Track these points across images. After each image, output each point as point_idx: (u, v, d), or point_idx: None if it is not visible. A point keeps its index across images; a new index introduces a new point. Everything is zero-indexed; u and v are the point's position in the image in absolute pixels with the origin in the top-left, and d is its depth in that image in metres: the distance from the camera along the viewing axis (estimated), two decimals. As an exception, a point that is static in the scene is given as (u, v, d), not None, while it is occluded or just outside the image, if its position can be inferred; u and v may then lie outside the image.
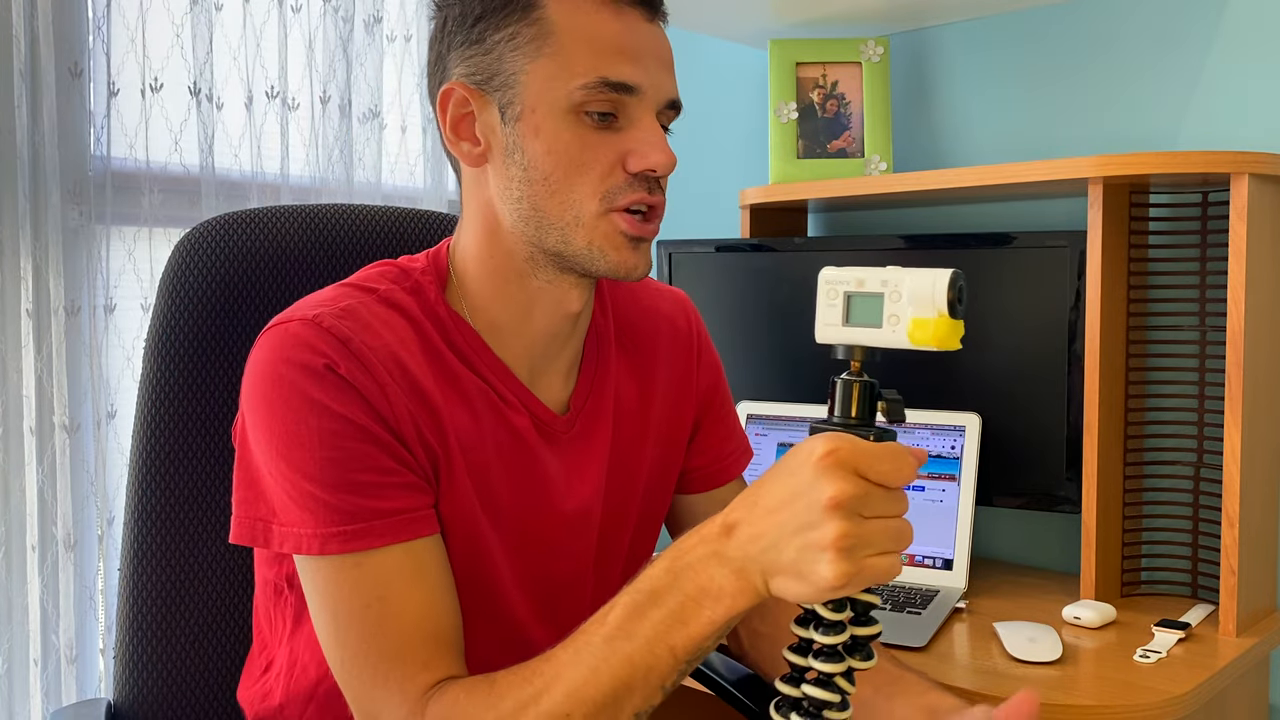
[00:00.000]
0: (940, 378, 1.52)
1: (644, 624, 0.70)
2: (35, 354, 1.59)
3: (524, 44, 0.82)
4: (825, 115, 1.67)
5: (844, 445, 0.63)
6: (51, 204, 1.58)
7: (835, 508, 0.62)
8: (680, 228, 2.10)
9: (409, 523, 0.79)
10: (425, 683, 0.76)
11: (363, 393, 0.79)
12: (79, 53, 1.63)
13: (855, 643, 0.69)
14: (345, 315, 0.81)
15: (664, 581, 0.70)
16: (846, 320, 0.69)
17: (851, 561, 0.62)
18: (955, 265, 1.50)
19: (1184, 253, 1.42)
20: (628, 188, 0.82)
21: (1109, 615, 1.30)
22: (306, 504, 0.78)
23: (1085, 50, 1.57)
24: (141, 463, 1.04)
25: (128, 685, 1.04)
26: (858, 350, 0.69)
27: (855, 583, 0.63)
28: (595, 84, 0.80)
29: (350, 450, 0.78)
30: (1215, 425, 1.38)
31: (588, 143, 0.81)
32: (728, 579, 0.68)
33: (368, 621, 0.77)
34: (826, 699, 0.68)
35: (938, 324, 0.64)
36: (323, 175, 1.95)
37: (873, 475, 0.64)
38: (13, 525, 1.58)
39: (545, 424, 0.89)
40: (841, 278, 0.69)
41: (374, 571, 0.78)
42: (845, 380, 0.68)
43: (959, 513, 1.43)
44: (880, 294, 0.67)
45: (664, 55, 0.85)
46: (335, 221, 1.14)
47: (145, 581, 1.04)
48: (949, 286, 0.64)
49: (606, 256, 0.83)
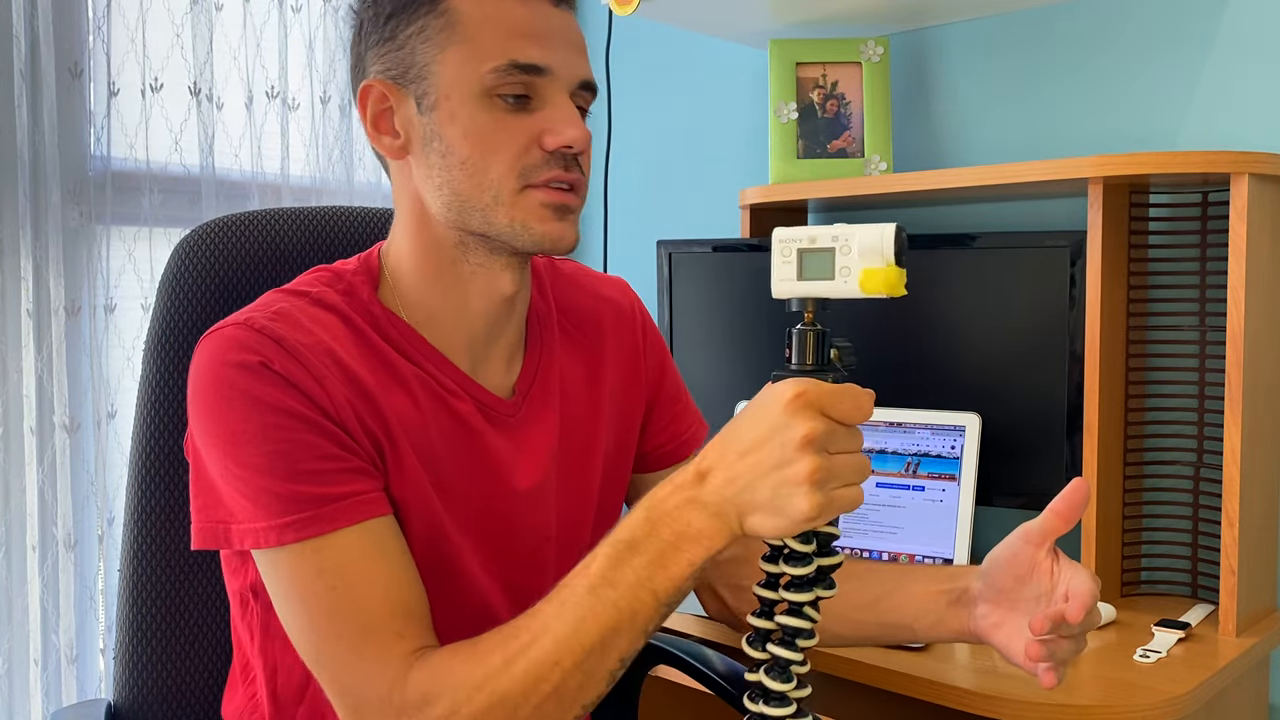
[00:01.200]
0: (940, 378, 1.52)
1: (626, 571, 0.74)
2: (35, 354, 1.60)
3: (434, 35, 0.85)
4: (825, 115, 1.67)
5: (810, 388, 0.69)
6: (51, 204, 1.58)
7: (807, 444, 0.68)
8: (680, 228, 2.09)
9: (361, 504, 0.81)
10: (402, 651, 0.78)
11: (300, 386, 0.81)
12: (79, 53, 1.64)
13: (820, 573, 0.74)
14: (277, 317, 0.84)
15: (643, 530, 0.74)
16: (800, 275, 0.74)
17: (824, 493, 0.68)
18: (955, 265, 1.50)
19: (1184, 253, 1.42)
20: (544, 165, 0.85)
21: (1109, 615, 1.30)
22: (259, 499, 0.80)
23: (1085, 50, 1.57)
24: (141, 463, 1.04)
25: (128, 686, 1.04)
26: (810, 303, 0.74)
27: (826, 513, 0.69)
28: (505, 67, 0.83)
29: (294, 441, 0.80)
30: (1215, 425, 1.38)
31: (502, 124, 0.84)
32: (706, 522, 0.72)
33: (335, 602, 0.79)
34: (800, 626, 0.73)
35: (886, 273, 0.71)
36: (323, 175, 1.95)
37: (836, 414, 0.69)
38: (13, 525, 1.58)
39: (490, 408, 0.92)
40: (794, 235, 0.75)
41: (334, 554, 0.80)
42: (801, 330, 0.74)
43: (959, 513, 1.43)
44: (831, 249, 0.73)
45: (573, 38, 0.88)
46: (334, 223, 1.14)
47: (145, 582, 1.04)
48: (894, 238, 0.71)
49: (531, 230, 0.86)
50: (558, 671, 0.74)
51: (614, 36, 2.14)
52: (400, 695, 0.76)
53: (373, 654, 0.78)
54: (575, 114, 0.86)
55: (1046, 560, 0.83)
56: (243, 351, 0.81)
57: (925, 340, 1.53)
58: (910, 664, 1.17)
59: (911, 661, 1.18)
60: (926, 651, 1.21)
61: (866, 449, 1.49)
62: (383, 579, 0.80)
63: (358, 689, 0.78)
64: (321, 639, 0.79)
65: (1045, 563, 0.83)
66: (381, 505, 0.83)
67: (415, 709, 0.76)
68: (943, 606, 0.90)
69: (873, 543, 1.46)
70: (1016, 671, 1.15)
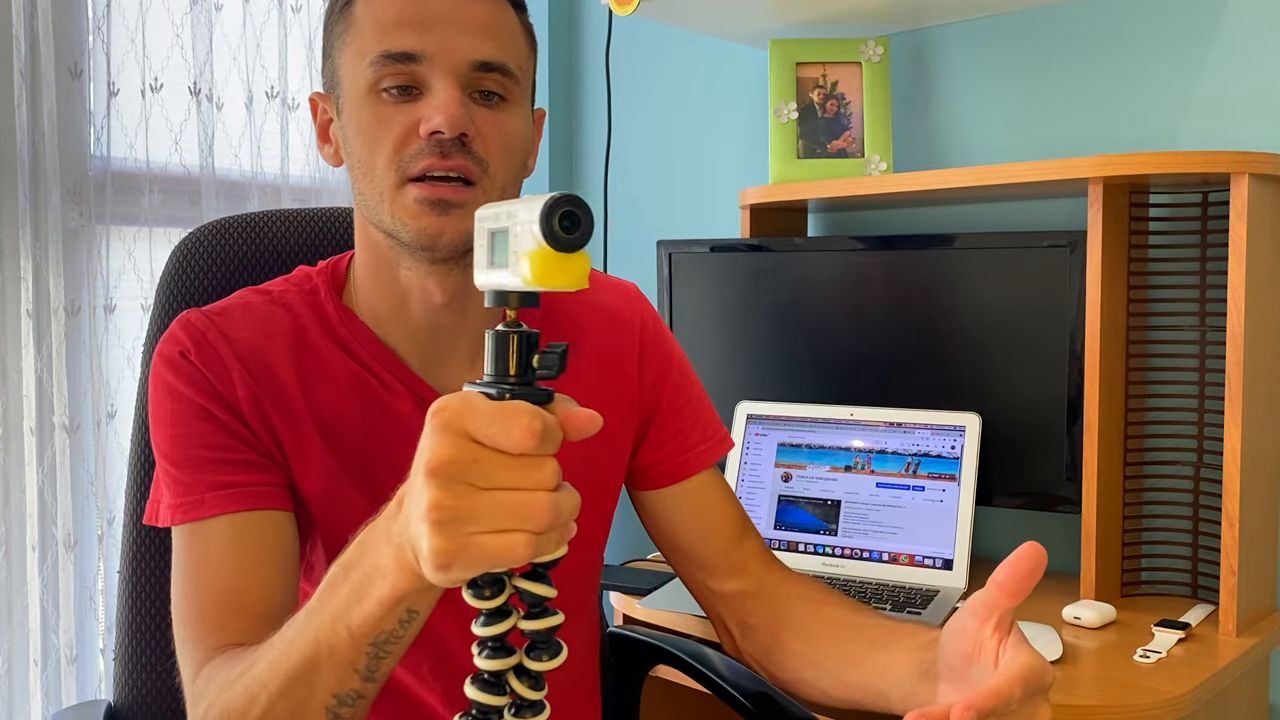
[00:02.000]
0: (940, 378, 1.52)
1: (333, 600, 0.67)
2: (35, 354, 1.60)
3: (338, 39, 0.87)
4: (825, 115, 1.67)
5: (452, 404, 0.55)
6: (51, 204, 1.58)
7: (431, 473, 0.54)
8: (680, 228, 2.09)
9: (238, 495, 0.84)
10: (211, 645, 0.80)
11: (208, 376, 0.86)
12: (79, 53, 1.63)
13: (531, 640, 0.60)
14: (219, 313, 0.89)
15: (353, 556, 0.66)
16: (490, 262, 0.57)
17: (449, 536, 0.54)
18: (955, 265, 1.50)
19: (1184, 253, 1.42)
20: (420, 154, 0.82)
21: (1109, 615, 1.30)
22: (165, 479, 0.86)
23: (1085, 50, 1.57)
24: (140, 463, 1.04)
25: (127, 687, 1.04)
26: (510, 296, 0.57)
27: (460, 563, 0.55)
28: (378, 59, 0.83)
29: (192, 428, 0.85)
30: (1215, 425, 1.38)
31: (383, 117, 0.83)
32: (391, 557, 0.62)
33: (186, 584, 0.83)
34: (488, 702, 0.58)
35: (536, 257, 0.52)
36: (323, 175, 1.95)
37: (482, 438, 0.55)
38: (13, 525, 1.58)
39: None
40: (488, 213, 0.58)
41: (201, 539, 0.83)
42: (493, 332, 0.57)
43: (959, 513, 1.43)
44: (506, 228, 0.55)
45: (465, 19, 0.83)
46: (332, 224, 1.14)
47: (144, 583, 1.04)
48: (543, 214, 0.52)
49: (407, 226, 0.83)
50: (265, 694, 0.70)
51: (614, 36, 2.14)
52: (190, 686, 0.80)
53: (191, 641, 0.81)
54: (453, 98, 0.81)
55: (993, 639, 0.69)
56: (170, 342, 0.87)
57: (925, 340, 1.53)
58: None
59: (911, 661, 1.18)
60: (926, 651, 1.21)
61: (867, 449, 1.49)
62: (228, 571, 0.82)
63: (181, 667, 0.82)
64: (173, 618, 0.84)
65: (990, 642, 0.69)
66: (262, 499, 0.85)
67: (193, 703, 0.78)
68: (913, 678, 0.80)
69: (873, 543, 1.47)
70: (1016, 671, 1.15)
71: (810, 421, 1.54)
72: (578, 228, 0.53)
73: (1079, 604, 1.31)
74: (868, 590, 1.39)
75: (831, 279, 1.60)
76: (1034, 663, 0.65)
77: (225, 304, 0.91)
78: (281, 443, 0.87)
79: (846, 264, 1.59)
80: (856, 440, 1.50)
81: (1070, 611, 1.31)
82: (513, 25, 0.88)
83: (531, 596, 0.59)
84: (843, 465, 1.50)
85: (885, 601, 1.34)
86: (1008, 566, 0.67)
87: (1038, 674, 0.64)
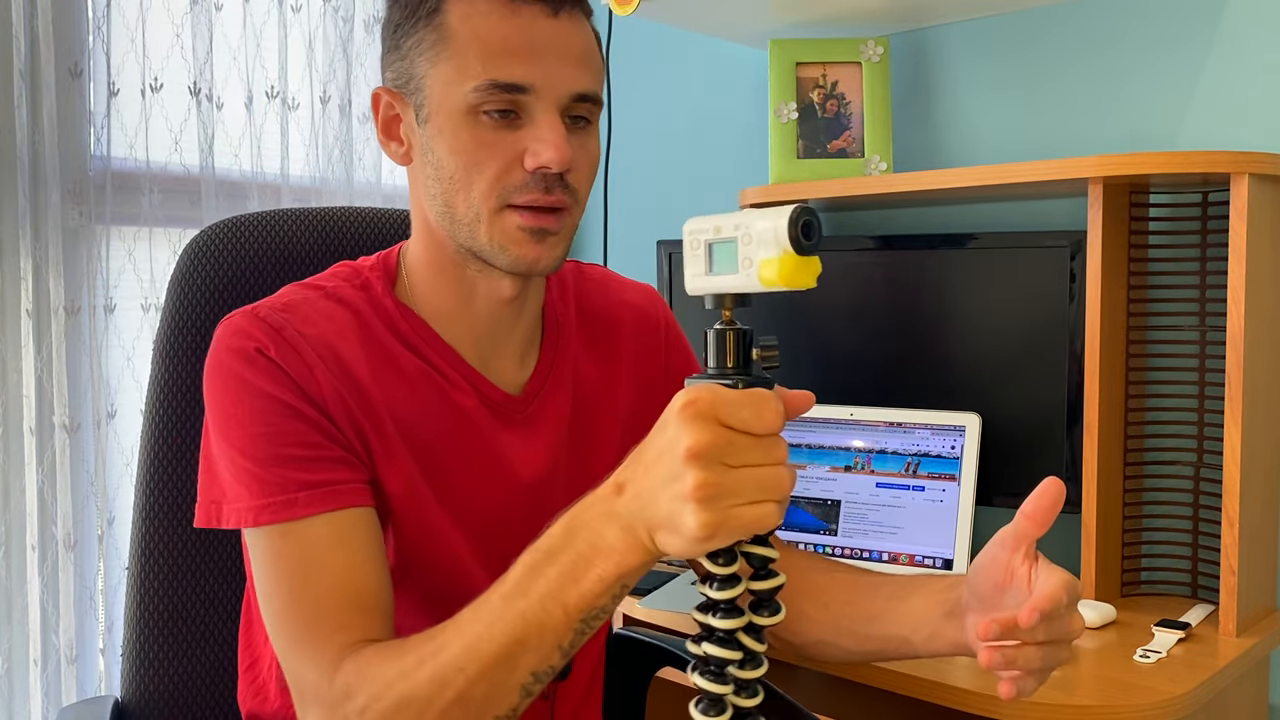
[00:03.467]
0: (940, 378, 1.52)
1: (539, 581, 0.71)
2: (35, 354, 1.60)
3: (427, 49, 0.85)
4: (825, 115, 1.67)
5: (703, 395, 0.63)
6: (51, 204, 1.58)
7: (694, 457, 0.62)
8: (679, 228, 2.09)
9: (333, 494, 0.82)
10: (341, 643, 0.79)
11: (290, 373, 0.84)
12: (79, 53, 1.63)
13: (758, 599, 0.68)
14: (284, 309, 0.87)
15: (560, 541, 0.71)
16: (709, 269, 0.67)
17: (715, 511, 0.62)
18: (956, 265, 1.50)
19: (1184, 253, 1.42)
20: (524, 186, 0.84)
21: (1109, 615, 1.30)
22: (243, 479, 0.83)
23: (1085, 50, 1.57)
24: (150, 461, 1.05)
25: (135, 682, 1.05)
26: (727, 299, 0.67)
27: (723, 533, 0.62)
28: (485, 86, 0.82)
29: (278, 426, 0.83)
30: (1215, 425, 1.38)
31: (484, 141, 0.84)
32: (617, 536, 0.68)
33: (292, 587, 0.81)
34: (726, 656, 0.66)
35: (783, 262, 0.62)
36: (323, 175, 1.95)
37: (734, 422, 0.62)
38: (13, 525, 1.58)
39: (496, 403, 0.92)
40: (701, 226, 0.67)
41: (299, 540, 0.81)
42: (717, 330, 0.67)
43: (959, 513, 1.43)
44: (734, 238, 0.65)
45: (568, 49, 0.85)
46: (342, 224, 1.15)
47: (153, 579, 1.04)
48: (790, 223, 0.62)
49: (507, 251, 0.85)
50: (462, 678, 0.73)
51: (614, 36, 2.14)
52: (329, 685, 0.78)
53: (314, 642, 0.80)
54: (559, 133, 0.83)
55: (1024, 566, 0.78)
56: (242, 338, 0.84)
57: (925, 340, 1.53)
58: (910, 664, 1.17)
59: (911, 661, 1.18)
60: (927, 651, 1.21)
61: (867, 449, 1.49)
62: (338, 569, 0.81)
63: (298, 674, 0.80)
64: (276, 621, 0.82)
65: (1022, 569, 0.78)
66: (355, 497, 0.84)
67: (338, 700, 0.77)
68: (938, 619, 0.86)
69: (873, 543, 1.47)
70: (1017, 671, 1.15)
71: (810, 421, 1.54)
72: (814, 234, 0.63)
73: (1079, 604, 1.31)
74: (868, 590, 1.39)
75: (831, 279, 1.60)
76: (1069, 577, 0.75)
77: (284, 300, 0.89)
78: (367, 439, 0.86)
79: (846, 264, 1.59)
80: (856, 440, 1.50)
81: (1070, 611, 1.31)
82: (596, 48, 0.89)
83: (760, 559, 0.68)
84: (843, 465, 1.51)
85: (885, 601, 1.35)
86: (1033, 501, 0.77)
87: (1074, 585, 0.75)
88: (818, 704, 1.36)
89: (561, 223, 0.87)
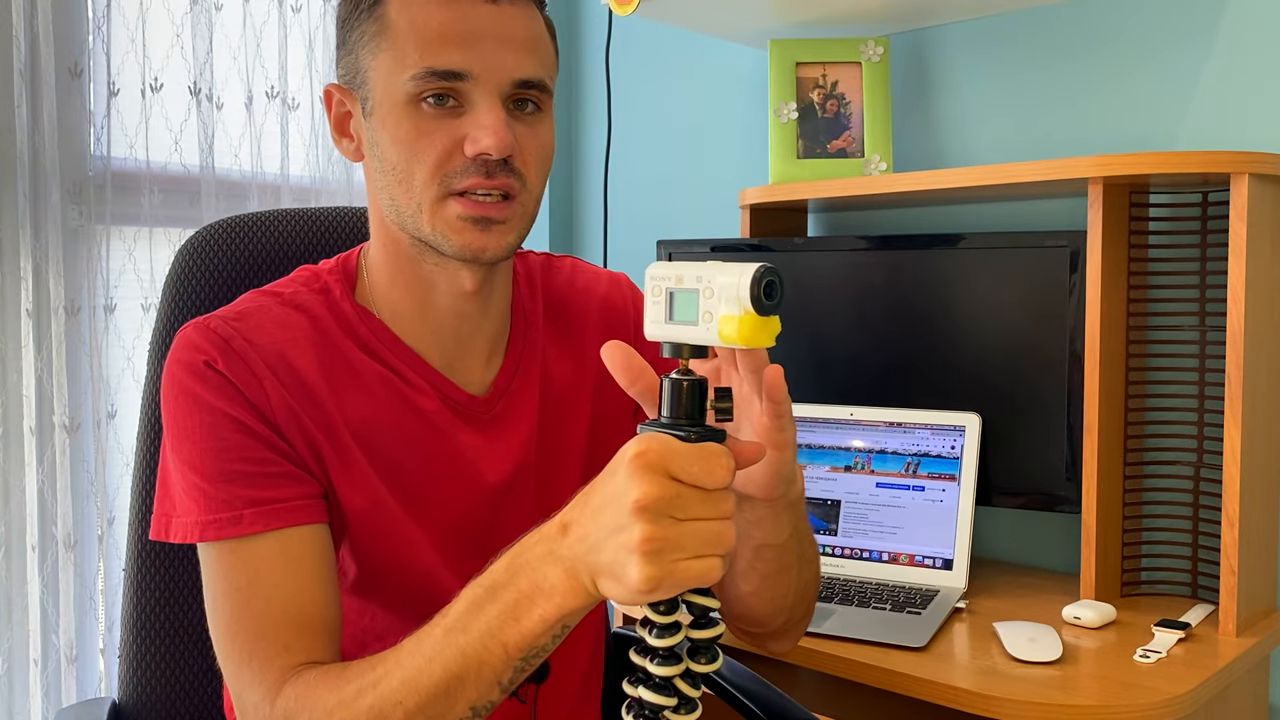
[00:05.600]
0: (940, 378, 1.52)
1: (480, 618, 0.71)
2: (35, 354, 1.59)
3: (369, 41, 0.85)
4: (825, 115, 1.67)
5: (654, 446, 0.63)
6: (51, 204, 1.58)
7: (641, 510, 0.61)
8: (680, 228, 2.10)
9: (280, 512, 0.82)
10: (284, 665, 0.79)
11: (239, 386, 0.83)
12: (79, 53, 1.64)
13: (696, 646, 0.68)
14: (237, 318, 0.86)
15: (503, 577, 0.71)
16: (669, 317, 0.67)
17: (658, 565, 0.62)
18: (955, 265, 1.50)
19: (1184, 253, 1.42)
20: (464, 172, 0.83)
21: (1109, 615, 1.30)
22: (193, 494, 0.83)
23: (1085, 50, 1.57)
24: (146, 462, 1.04)
25: (132, 684, 1.04)
26: (685, 349, 0.67)
27: (666, 586, 0.62)
28: (422, 74, 0.82)
29: (227, 441, 0.82)
30: (1215, 425, 1.38)
31: (424, 130, 0.83)
32: (560, 578, 0.68)
33: (237, 604, 0.81)
34: (661, 703, 0.67)
35: (743, 321, 0.63)
36: (323, 175, 1.95)
37: (684, 476, 0.62)
38: (13, 525, 1.58)
39: (459, 404, 0.91)
40: (664, 274, 0.67)
41: (245, 557, 0.81)
42: (671, 380, 0.66)
43: (959, 513, 1.43)
44: (696, 290, 0.65)
45: (508, 35, 0.84)
46: (337, 224, 1.14)
47: (149, 580, 1.04)
48: (753, 282, 0.62)
49: (450, 240, 0.85)
50: (400, 711, 0.72)
51: (614, 36, 2.14)
52: (270, 708, 0.78)
53: (257, 662, 0.79)
54: (498, 118, 0.83)
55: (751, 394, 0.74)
56: (191, 351, 0.84)
57: (925, 340, 1.53)
58: (910, 664, 1.17)
59: (911, 661, 1.18)
60: (926, 651, 1.22)
61: (867, 449, 1.49)
62: (285, 589, 0.81)
63: (240, 694, 0.80)
64: (221, 637, 0.82)
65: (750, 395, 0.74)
66: (303, 514, 0.83)
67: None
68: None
69: (873, 543, 1.47)
70: (1017, 671, 1.15)
71: (810, 421, 1.54)
72: (776, 294, 0.63)
73: (1079, 604, 1.31)
74: (868, 590, 1.39)
75: (831, 279, 1.60)
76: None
77: (238, 309, 0.88)
78: (320, 452, 0.85)
79: (846, 264, 1.59)
80: (856, 440, 1.50)
81: (1070, 611, 1.31)
82: (544, 35, 0.88)
83: (700, 608, 0.68)
84: (843, 465, 1.50)
85: (885, 601, 1.34)
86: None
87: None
88: (818, 704, 1.36)
89: (509, 211, 0.85)
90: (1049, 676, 1.14)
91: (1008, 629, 1.24)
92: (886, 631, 1.25)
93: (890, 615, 1.31)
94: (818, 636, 1.26)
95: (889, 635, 1.24)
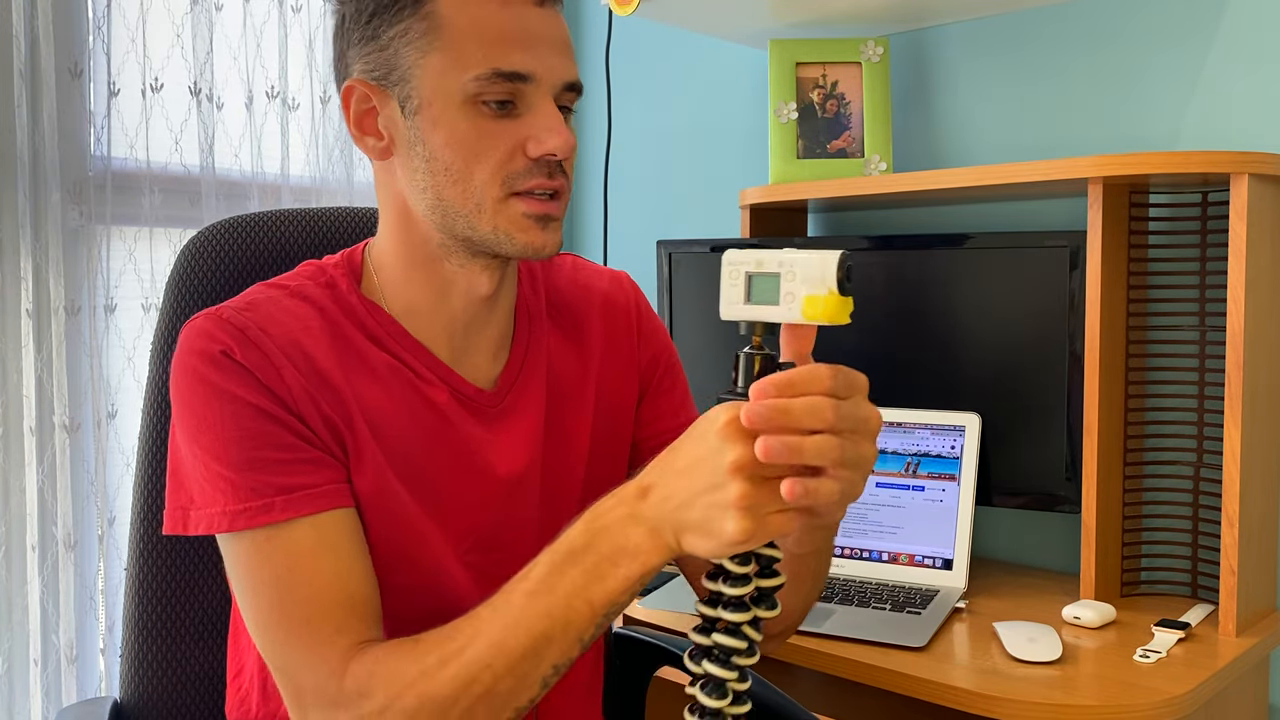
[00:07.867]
0: (940, 378, 1.52)
1: (564, 580, 0.75)
2: (35, 354, 1.60)
3: (416, 39, 0.84)
4: (825, 115, 1.67)
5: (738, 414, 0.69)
6: (51, 204, 1.58)
7: (737, 470, 0.68)
8: (680, 228, 2.10)
9: (312, 497, 0.82)
10: (342, 645, 0.79)
11: (257, 375, 0.83)
12: (79, 53, 1.64)
13: (760, 594, 0.75)
14: (247, 308, 0.86)
15: (582, 541, 0.75)
16: (748, 299, 0.74)
17: (753, 519, 0.68)
18: (955, 265, 1.50)
19: (1184, 253, 1.42)
20: (528, 173, 0.85)
21: (1109, 615, 1.30)
22: (217, 484, 0.82)
23: (1085, 50, 1.57)
24: (148, 461, 1.04)
25: (134, 683, 1.04)
26: (759, 326, 0.74)
27: (757, 537, 0.68)
28: (488, 75, 0.83)
29: (251, 429, 0.82)
30: (1215, 425, 1.38)
31: (485, 131, 0.84)
32: (643, 537, 0.73)
33: (279, 592, 0.80)
34: (735, 646, 0.73)
35: (827, 300, 0.71)
36: (322, 175, 1.95)
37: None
38: (13, 525, 1.58)
39: (469, 398, 0.92)
40: (743, 259, 0.75)
41: (281, 545, 0.81)
42: (748, 353, 0.74)
43: (959, 513, 1.43)
44: (777, 274, 0.73)
45: (557, 39, 0.86)
46: (339, 223, 1.14)
47: (151, 580, 1.04)
48: (838, 266, 0.71)
49: (514, 239, 0.86)
50: (489, 674, 0.75)
51: (614, 36, 2.14)
52: (337, 686, 0.78)
53: (311, 645, 0.79)
54: (559, 120, 0.85)
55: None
56: (207, 340, 0.83)
57: (925, 340, 1.53)
58: (910, 664, 1.17)
59: (911, 661, 1.18)
60: (926, 651, 1.22)
61: (866, 449, 1.49)
62: (327, 573, 0.81)
63: (294, 677, 0.80)
64: (266, 627, 0.81)
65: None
66: (336, 498, 0.83)
67: (351, 701, 0.77)
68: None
69: (873, 543, 1.47)
70: (1017, 671, 1.15)
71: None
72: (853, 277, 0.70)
73: (1079, 604, 1.31)
74: (867, 590, 1.39)
75: (831, 279, 1.60)
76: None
77: (248, 299, 0.88)
78: (341, 436, 0.86)
79: (846, 264, 1.59)
80: (856, 440, 1.50)
81: (1070, 611, 1.31)
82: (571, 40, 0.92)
83: (768, 559, 0.75)
84: (843, 465, 1.50)
85: (885, 601, 1.34)
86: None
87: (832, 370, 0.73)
88: (818, 704, 1.36)
89: (561, 208, 0.88)
90: (1049, 676, 1.14)
91: (1008, 629, 1.24)
92: (886, 631, 1.25)
93: (890, 615, 1.31)
94: (818, 636, 1.26)
95: (889, 635, 1.24)
